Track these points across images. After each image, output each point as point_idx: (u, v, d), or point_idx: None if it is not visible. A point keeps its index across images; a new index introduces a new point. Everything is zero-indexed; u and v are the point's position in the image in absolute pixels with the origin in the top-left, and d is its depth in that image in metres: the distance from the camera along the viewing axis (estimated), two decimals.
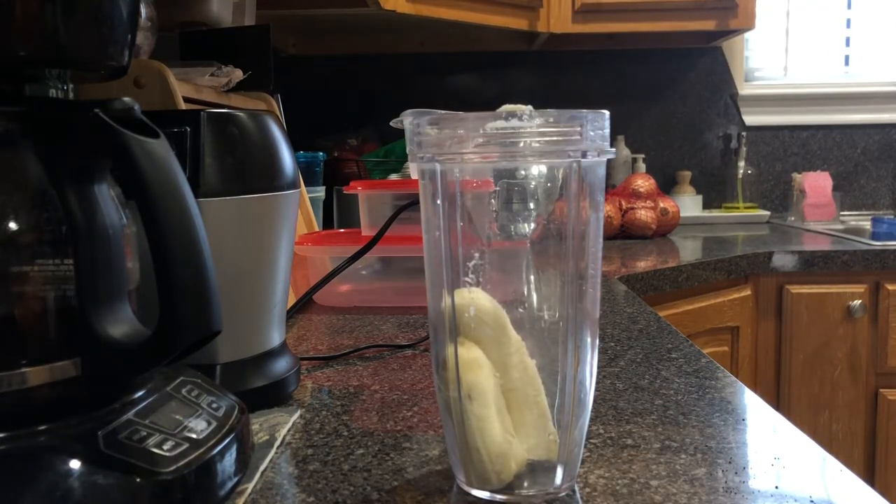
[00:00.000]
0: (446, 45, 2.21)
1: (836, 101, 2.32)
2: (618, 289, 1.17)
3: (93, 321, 0.39)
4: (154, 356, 0.39)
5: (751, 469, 0.48)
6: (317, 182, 1.48)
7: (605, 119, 0.42)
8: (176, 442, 0.41)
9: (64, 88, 0.43)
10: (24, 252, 0.38)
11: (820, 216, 2.15)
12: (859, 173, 2.33)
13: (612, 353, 0.77)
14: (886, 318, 1.62)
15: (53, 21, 0.38)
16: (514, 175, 0.41)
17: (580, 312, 0.43)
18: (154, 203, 0.38)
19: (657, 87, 2.31)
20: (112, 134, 0.38)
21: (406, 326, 0.92)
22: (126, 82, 0.76)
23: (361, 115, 2.20)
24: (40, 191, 0.38)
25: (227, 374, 0.58)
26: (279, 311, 0.62)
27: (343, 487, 0.46)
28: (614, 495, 0.44)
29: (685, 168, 2.31)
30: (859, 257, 1.62)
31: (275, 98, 1.14)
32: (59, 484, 0.36)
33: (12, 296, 0.38)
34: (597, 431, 0.54)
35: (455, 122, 0.42)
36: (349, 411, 0.61)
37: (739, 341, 1.62)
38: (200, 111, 0.55)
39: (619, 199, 1.92)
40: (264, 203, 0.57)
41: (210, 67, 0.94)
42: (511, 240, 0.43)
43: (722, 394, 0.63)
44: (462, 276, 0.43)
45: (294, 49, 2.18)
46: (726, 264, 1.56)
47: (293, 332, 0.90)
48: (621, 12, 1.95)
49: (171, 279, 0.38)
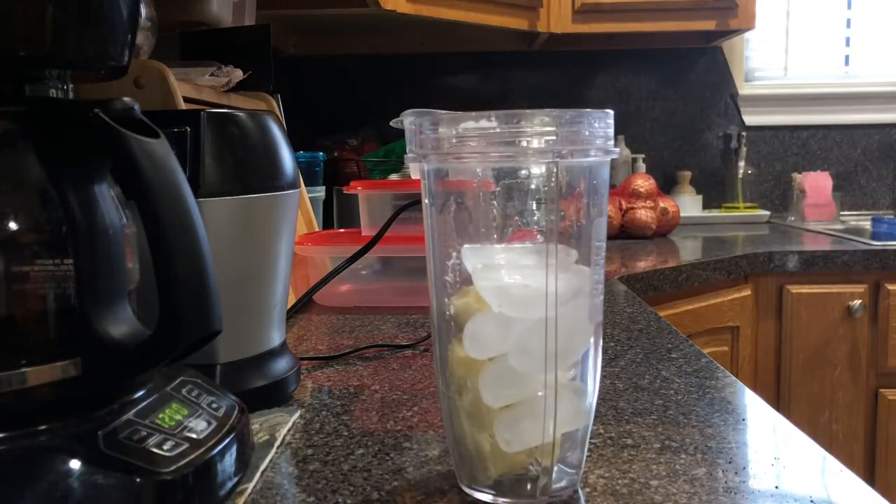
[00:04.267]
0: (446, 45, 2.21)
1: (836, 101, 2.31)
2: (618, 289, 1.17)
3: (93, 321, 0.39)
4: (154, 356, 0.40)
5: (751, 469, 0.48)
6: (317, 182, 1.48)
7: (610, 118, 0.42)
8: (176, 442, 0.41)
9: (64, 88, 0.43)
10: (24, 252, 0.38)
11: (820, 216, 2.15)
12: (859, 173, 2.33)
13: (612, 353, 0.77)
14: (886, 318, 1.62)
15: (53, 21, 0.38)
16: (516, 175, 0.41)
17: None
18: (154, 203, 0.38)
19: (657, 87, 2.31)
20: (112, 134, 0.38)
21: (406, 326, 0.92)
22: (126, 82, 0.76)
23: (361, 115, 2.20)
24: (40, 191, 0.38)
25: (227, 374, 0.58)
26: (279, 311, 0.62)
27: (343, 487, 0.46)
28: (614, 495, 0.44)
29: (685, 168, 2.31)
30: (859, 257, 1.62)
31: (275, 98, 1.14)
32: (59, 484, 0.36)
33: (12, 296, 0.38)
34: (597, 431, 0.54)
35: (441, 122, 0.42)
36: (349, 411, 0.61)
37: (739, 341, 1.62)
38: (200, 111, 0.55)
39: (619, 199, 1.92)
40: (264, 203, 0.57)
41: (210, 67, 0.94)
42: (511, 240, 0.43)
43: (722, 394, 0.63)
44: (460, 275, 0.43)
45: (294, 49, 2.18)
46: (726, 264, 1.56)
47: (293, 332, 0.90)
48: (621, 12, 1.95)
49: (171, 279, 0.38)
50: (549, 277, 0.40)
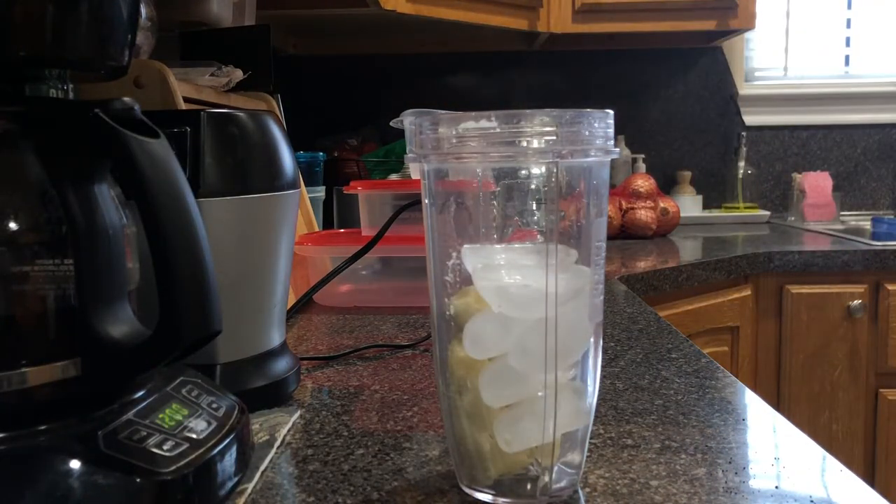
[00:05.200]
0: (446, 45, 2.21)
1: (836, 101, 2.31)
2: (618, 289, 1.17)
3: (93, 321, 0.39)
4: (154, 356, 0.40)
5: (751, 469, 0.48)
6: (317, 182, 1.48)
7: (610, 118, 0.42)
8: (176, 442, 0.41)
9: (64, 88, 0.43)
10: (24, 252, 0.38)
11: (820, 216, 2.15)
12: (859, 173, 2.33)
13: (612, 353, 0.77)
14: (886, 318, 1.62)
15: (53, 21, 0.38)
16: (516, 175, 0.41)
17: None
18: (154, 203, 0.38)
19: (657, 87, 2.31)
20: (112, 134, 0.38)
21: (406, 326, 0.92)
22: (126, 82, 0.76)
23: (361, 115, 2.20)
24: (40, 191, 0.38)
25: (227, 374, 0.58)
26: (279, 311, 0.62)
27: (343, 487, 0.46)
28: (614, 495, 0.44)
29: (685, 168, 2.31)
30: (859, 257, 1.62)
31: (275, 98, 1.14)
32: (60, 484, 0.36)
33: (12, 296, 0.38)
34: (597, 431, 0.54)
35: (441, 122, 0.42)
36: (349, 411, 0.61)
37: (739, 341, 1.62)
38: (200, 111, 0.55)
39: (619, 199, 1.92)
40: (264, 203, 0.57)
41: (210, 67, 0.94)
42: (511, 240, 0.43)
43: (722, 394, 0.63)
44: (460, 275, 0.43)
45: (294, 49, 2.18)
46: (726, 264, 1.56)
47: (293, 332, 0.90)
48: (621, 12, 1.95)
49: (171, 279, 0.38)
50: (549, 277, 0.40)
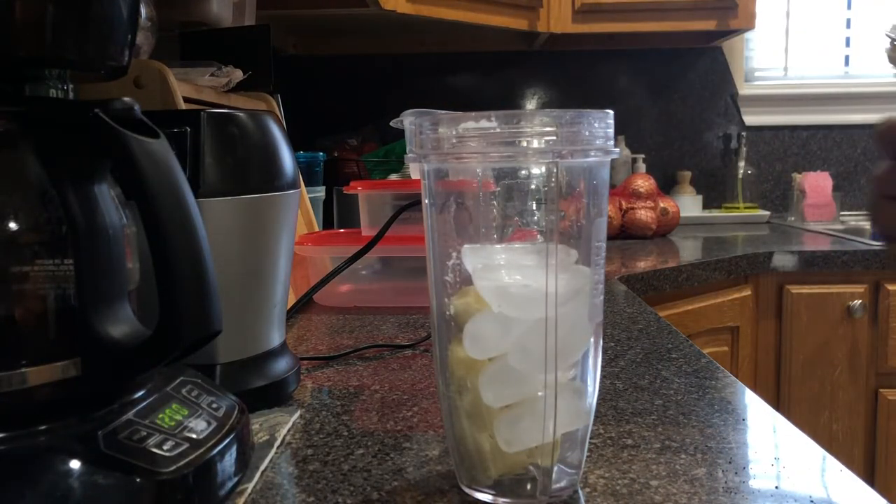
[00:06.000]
0: (446, 45, 2.21)
1: (836, 101, 2.31)
2: (618, 289, 1.17)
3: (93, 321, 0.39)
4: (154, 356, 0.39)
5: (751, 469, 0.48)
6: (317, 182, 1.48)
7: (610, 118, 0.42)
8: (176, 442, 0.41)
9: (64, 88, 0.43)
10: (24, 252, 0.38)
11: (820, 216, 2.15)
12: (859, 173, 2.33)
13: (612, 353, 0.77)
14: (886, 318, 1.62)
15: (53, 21, 0.38)
16: (516, 175, 0.41)
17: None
18: (154, 203, 0.38)
19: (657, 87, 2.31)
20: (112, 134, 0.38)
21: (406, 326, 0.92)
22: (126, 82, 0.76)
23: (361, 115, 2.20)
24: (40, 191, 0.38)
25: (227, 374, 0.58)
26: (279, 312, 0.62)
27: (343, 487, 0.46)
28: (614, 495, 0.44)
29: (685, 168, 2.31)
30: (859, 257, 1.62)
31: (275, 98, 1.14)
32: (59, 484, 0.36)
33: (12, 296, 0.38)
34: (597, 431, 0.54)
35: (441, 122, 0.42)
36: (349, 411, 0.61)
37: (739, 341, 1.62)
38: (200, 111, 0.55)
39: (619, 199, 1.92)
40: (264, 203, 0.57)
41: (210, 67, 0.94)
42: (511, 240, 0.43)
43: (722, 394, 0.63)
44: (460, 275, 0.43)
45: (294, 49, 2.18)
46: (726, 264, 1.56)
47: (293, 332, 0.90)
48: (621, 12, 1.95)
49: (171, 279, 0.38)
50: (549, 277, 0.40)
